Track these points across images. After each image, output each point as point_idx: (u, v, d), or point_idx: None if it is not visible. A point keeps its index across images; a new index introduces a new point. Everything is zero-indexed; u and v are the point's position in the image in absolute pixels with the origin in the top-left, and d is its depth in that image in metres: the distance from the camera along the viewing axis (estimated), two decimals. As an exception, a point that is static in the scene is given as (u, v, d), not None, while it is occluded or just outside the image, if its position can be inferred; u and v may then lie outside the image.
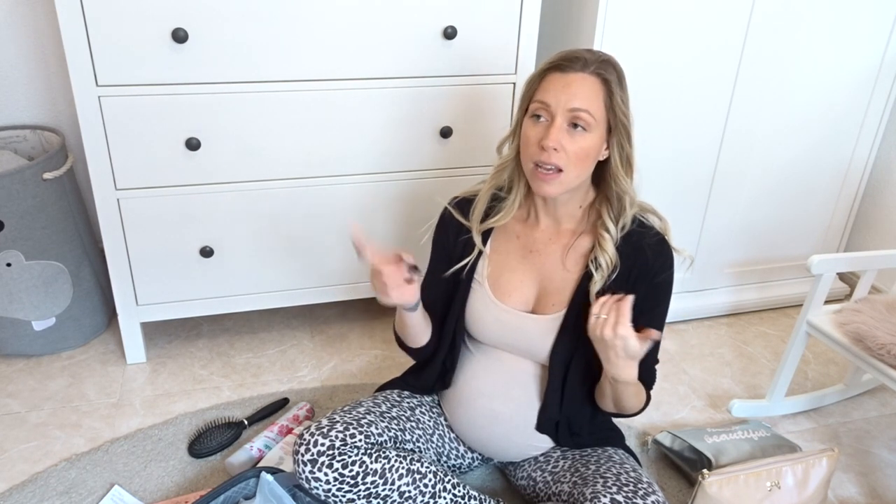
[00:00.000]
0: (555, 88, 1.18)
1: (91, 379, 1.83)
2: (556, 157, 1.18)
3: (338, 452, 1.23)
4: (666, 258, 1.28)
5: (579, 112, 1.17)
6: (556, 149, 1.17)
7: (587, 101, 1.17)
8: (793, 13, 1.83)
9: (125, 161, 1.62)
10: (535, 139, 1.19)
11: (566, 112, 1.17)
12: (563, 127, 1.17)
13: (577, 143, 1.18)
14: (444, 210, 1.40)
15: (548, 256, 1.32)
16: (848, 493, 1.59)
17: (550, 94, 1.18)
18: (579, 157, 1.19)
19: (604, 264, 1.25)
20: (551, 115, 1.18)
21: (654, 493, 1.22)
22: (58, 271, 1.83)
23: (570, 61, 1.18)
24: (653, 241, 1.27)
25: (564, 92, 1.17)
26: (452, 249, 1.38)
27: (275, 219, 1.77)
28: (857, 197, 2.20)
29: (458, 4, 1.65)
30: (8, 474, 1.53)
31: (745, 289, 2.22)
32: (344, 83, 1.67)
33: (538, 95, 1.20)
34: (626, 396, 1.26)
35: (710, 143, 1.95)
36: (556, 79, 1.18)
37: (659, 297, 1.30)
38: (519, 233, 1.35)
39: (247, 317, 2.10)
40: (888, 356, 1.47)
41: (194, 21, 1.52)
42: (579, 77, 1.17)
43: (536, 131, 1.20)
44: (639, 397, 1.29)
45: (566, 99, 1.16)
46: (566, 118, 1.17)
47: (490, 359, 1.38)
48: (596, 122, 1.18)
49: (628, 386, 1.24)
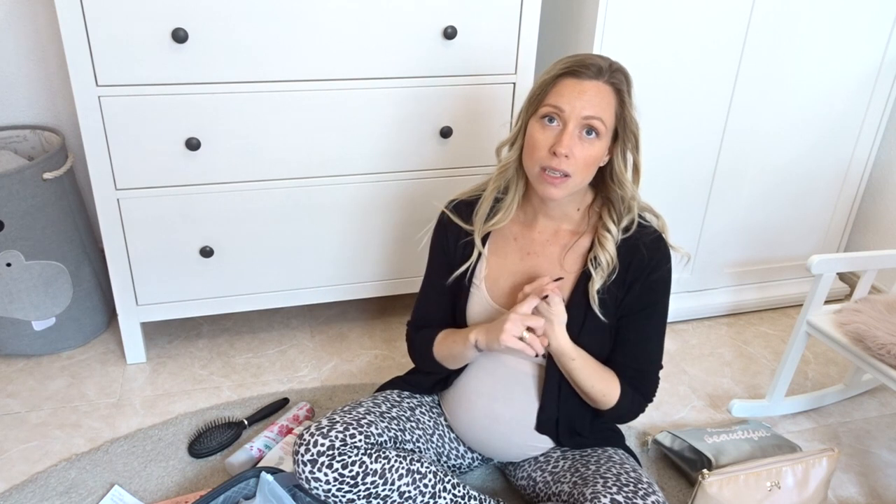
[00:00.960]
0: (570, 94, 1.17)
1: (91, 379, 1.83)
2: (566, 164, 1.18)
3: (338, 452, 1.23)
4: (662, 255, 1.27)
5: (592, 120, 1.17)
6: (567, 156, 1.17)
7: (601, 110, 1.17)
8: (793, 13, 1.83)
9: (125, 161, 1.62)
10: (546, 144, 1.19)
11: (580, 119, 1.17)
12: (575, 133, 1.17)
13: (586, 150, 1.18)
14: (441, 214, 1.40)
15: (545, 258, 1.32)
16: (848, 493, 1.59)
17: (565, 100, 1.17)
18: (587, 163, 1.19)
19: (604, 263, 1.25)
20: (564, 121, 1.17)
21: (654, 493, 1.22)
22: (58, 271, 1.83)
23: (585, 67, 1.17)
24: (649, 238, 1.27)
25: (579, 98, 1.16)
26: (453, 253, 1.37)
27: (275, 219, 1.77)
28: (857, 197, 2.20)
29: (458, 4, 1.65)
30: (8, 474, 1.53)
31: (745, 289, 2.22)
32: (344, 83, 1.67)
33: (551, 99, 1.18)
34: (580, 377, 1.26)
35: (710, 142, 1.95)
36: (571, 84, 1.17)
37: (656, 295, 1.29)
38: (516, 235, 1.35)
39: (247, 317, 2.10)
40: (888, 356, 1.47)
41: (194, 21, 1.52)
42: (594, 85, 1.17)
43: (546, 136, 1.19)
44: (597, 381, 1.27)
45: (581, 106, 1.16)
46: (579, 125, 1.17)
47: (490, 359, 1.37)
48: (606, 130, 1.19)
49: (570, 359, 1.24)
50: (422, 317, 1.45)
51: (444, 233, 1.39)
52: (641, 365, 1.32)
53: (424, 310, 1.44)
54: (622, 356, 1.31)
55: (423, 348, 1.40)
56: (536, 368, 1.35)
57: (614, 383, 1.29)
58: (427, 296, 1.44)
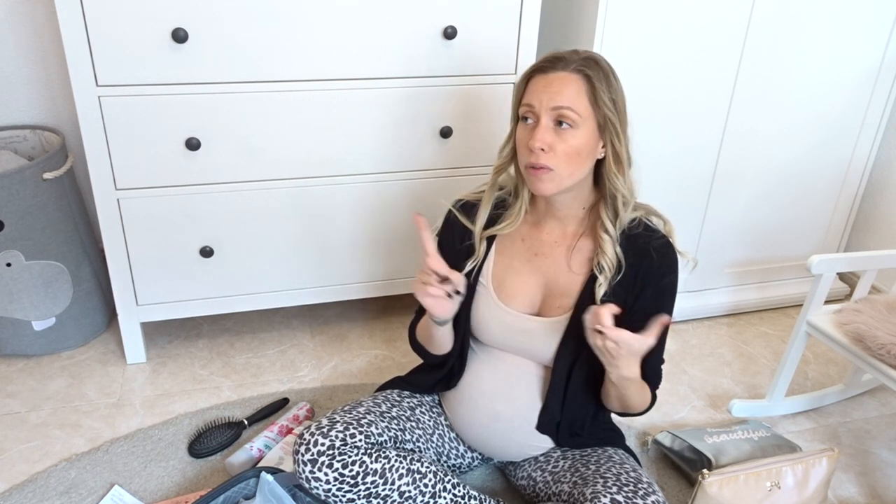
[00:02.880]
0: (537, 90, 1.19)
1: (91, 379, 1.83)
2: (545, 158, 1.18)
3: (338, 452, 1.23)
4: (671, 261, 1.28)
5: (562, 110, 1.17)
6: (543, 149, 1.18)
7: (569, 99, 1.17)
8: (793, 13, 1.83)
9: (125, 161, 1.62)
10: (524, 142, 1.21)
11: (549, 111, 1.18)
12: (548, 126, 1.18)
13: (565, 140, 1.18)
14: (448, 212, 1.40)
15: (553, 259, 1.32)
16: (848, 493, 1.59)
17: (534, 96, 1.19)
18: (569, 154, 1.19)
19: (605, 266, 1.26)
20: (536, 115, 1.19)
21: (654, 493, 1.22)
22: (58, 271, 1.83)
23: (551, 62, 1.20)
24: (658, 243, 1.27)
25: (546, 91, 1.18)
26: (458, 252, 1.38)
27: (275, 219, 1.77)
28: (857, 197, 2.20)
29: (458, 4, 1.65)
30: (8, 474, 1.53)
31: (745, 289, 2.22)
32: (344, 83, 1.67)
33: (524, 99, 1.22)
34: (631, 394, 1.26)
35: (710, 142, 1.95)
36: (538, 80, 1.20)
37: (664, 299, 1.30)
38: (524, 235, 1.35)
39: (247, 317, 2.10)
40: (888, 356, 1.47)
41: (194, 21, 1.52)
42: (560, 76, 1.18)
43: (524, 134, 1.21)
44: (642, 394, 1.29)
45: (548, 98, 1.17)
46: (551, 117, 1.18)
47: (493, 358, 1.38)
48: (582, 118, 1.18)
49: (631, 383, 1.24)
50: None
51: (451, 231, 1.39)
52: (651, 363, 1.32)
53: None
54: None
55: (412, 334, 1.44)
56: (539, 368, 1.36)
57: (648, 388, 1.30)
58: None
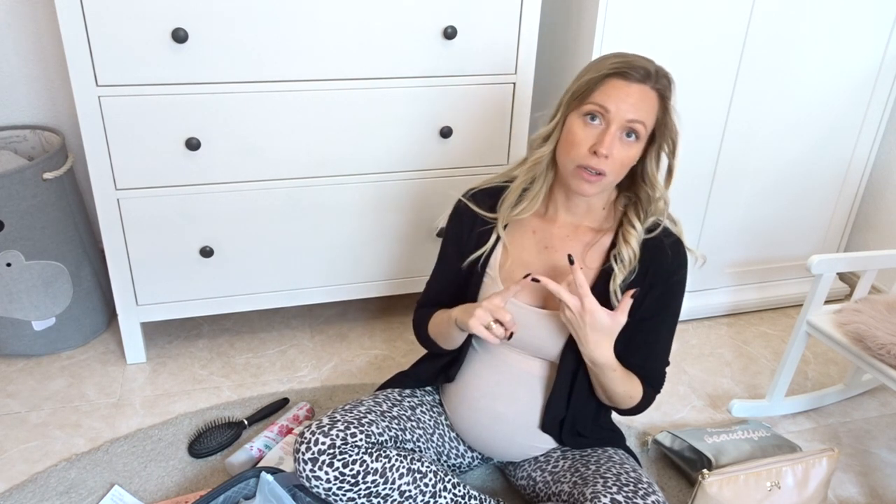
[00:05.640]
0: (616, 95, 1.17)
1: (91, 379, 1.83)
2: (604, 164, 1.18)
3: (338, 451, 1.23)
4: (682, 258, 1.30)
5: (635, 123, 1.18)
6: (607, 156, 1.18)
7: (644, 114, 1.18)
8: (793, 13, 1.83)
9: (125, 161, 1.62)
10: (587, 142, 1.19)
11: (623, 121, 1.17)
12: (616, 135, 1.18)
13: (625, 151, 1.19)
14: (458, 202, 1.40)
15: (563, 253, 1.32)
16: (848, 493, 1.59)
17: (611, 101, 1.17)
18: (624, 163, 1.21)
19: (626, 258, 1.26)
20: (608, 121, 1.18)
21: (654, 493, 1.22)
22: (58, 271, 1.83)
23: (634, 70, 1.18)
24: (670, 241, 1.29)
25: (625, 101, 1.17)
26: (466, 241, 1.38)
27: (275, 219, 1.77)
28: (857, 197, 2.20)
29: (458, 4, 1.65)
30: (8, 474, 1.53)
31: (745, 289, 2.22)
32: (344, 83, 1.67)
33: (597, 98, 1.18)
34: (609, 384, 1.26)
35: (710, 142, 1.95)
36: (618, 86, 1.18)
37: (675, 296, 1.31)
38: (535, 228, 1.35)
39: (247, 317, 2.10)
40: (888, 356, 1.47)
41: (194, 21, 1.52)
42: (641, 89, 1.18)
43: (588, 134, 1.19)
44: (626, 388, 1.28)
45: (626, 108, 1.17)
46: (621, 127, 1.18)
47: (495, 358, 1.38)
48: (646, 133, 1.20)
49: (605, 371, 1.24)
50: (430, 299, 1.47)
51: (459, 221, 1.39)
52: (655, 363, 1.34)
53: (433, 293, 1.47)
54: (636, 356, 1.31)
55: (421, 324, 1.44)
56: (541, 368, 1.35)
57: (638, 384, 1.31)
58: (437, 280, 1.47)
